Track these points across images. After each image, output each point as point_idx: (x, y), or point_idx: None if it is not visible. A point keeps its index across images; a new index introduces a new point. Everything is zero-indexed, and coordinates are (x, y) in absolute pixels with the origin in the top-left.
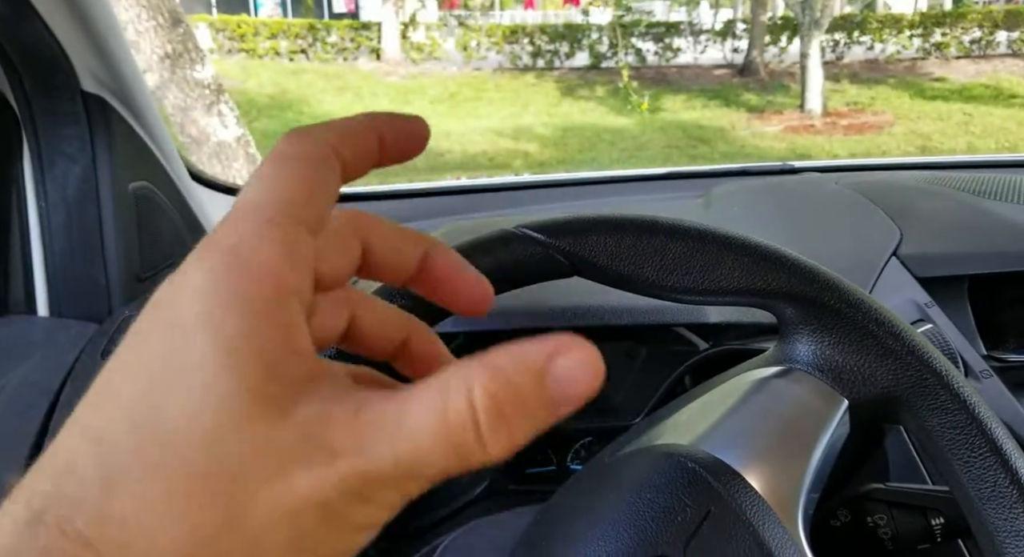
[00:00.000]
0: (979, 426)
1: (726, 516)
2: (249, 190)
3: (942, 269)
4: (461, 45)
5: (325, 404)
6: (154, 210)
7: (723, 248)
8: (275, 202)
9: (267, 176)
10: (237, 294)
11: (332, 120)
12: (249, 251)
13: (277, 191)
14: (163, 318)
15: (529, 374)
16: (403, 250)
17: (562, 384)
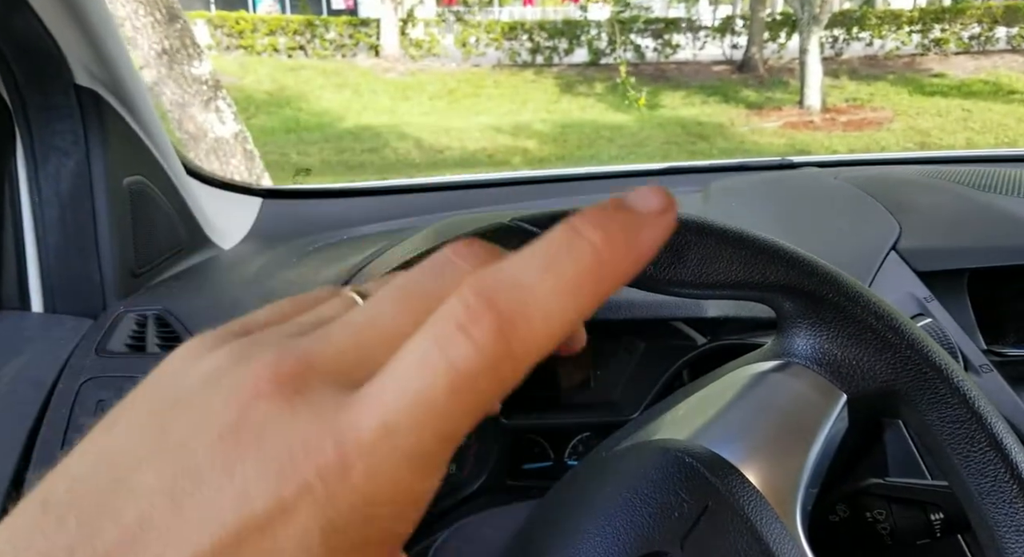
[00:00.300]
0: (979, 420)
1: (724, 511)
2: None
3: (941, 263)
4: (460, 41)
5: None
6: (149, 205)
7: (721, 241)
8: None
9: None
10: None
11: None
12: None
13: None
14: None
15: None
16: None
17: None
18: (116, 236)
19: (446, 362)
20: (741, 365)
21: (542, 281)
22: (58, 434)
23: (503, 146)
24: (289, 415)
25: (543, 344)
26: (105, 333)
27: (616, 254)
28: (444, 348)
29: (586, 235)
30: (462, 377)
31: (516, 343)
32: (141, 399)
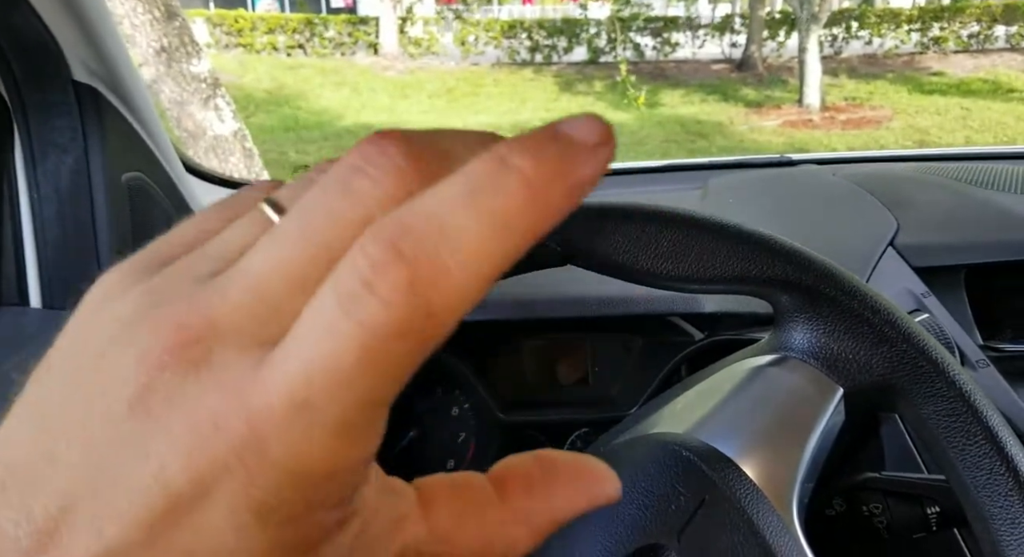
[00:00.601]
0: (975, 414)
1: (721, 504)
2: None
3: (939, 259)
4: (459, 40)
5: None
6: (148, 201)
7: (718, 236)
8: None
9: None
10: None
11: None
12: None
13: None
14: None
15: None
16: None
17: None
18: (115, 232)
19: (353, 324)
20: (738, 359)
21: (463, 219)
22: None
23: None
24: (194, 386)
25: (466, 295)
26: None
27: (550, 186)
28: (348, 308)
29: (514, 163)
30: (373, 340)
31: (434, 297)
32: (69, 346)
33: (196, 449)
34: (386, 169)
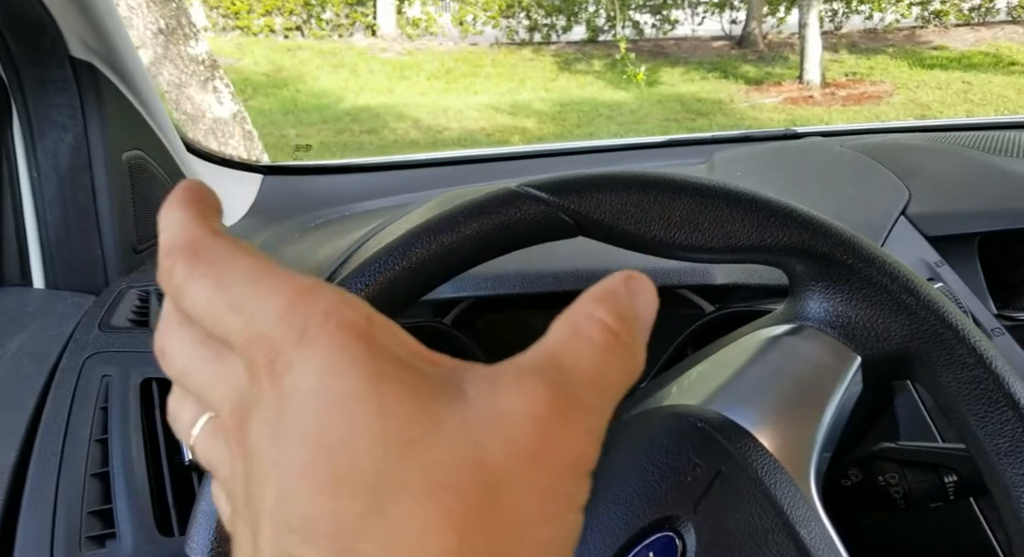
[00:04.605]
0: (997, 380)
1: (737, 476)
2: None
3: (952, 227)
4: (457, 20)
5: (486, 377)
6: (149, 180)
7: (732, 204)
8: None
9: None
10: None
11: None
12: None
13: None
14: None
15: (623, 297)
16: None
17: (639, 301)
18: (116, 211)
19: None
20: (753, 329)
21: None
22: (63, 410)
23: (502, 125)
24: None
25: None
26: (108, 309)
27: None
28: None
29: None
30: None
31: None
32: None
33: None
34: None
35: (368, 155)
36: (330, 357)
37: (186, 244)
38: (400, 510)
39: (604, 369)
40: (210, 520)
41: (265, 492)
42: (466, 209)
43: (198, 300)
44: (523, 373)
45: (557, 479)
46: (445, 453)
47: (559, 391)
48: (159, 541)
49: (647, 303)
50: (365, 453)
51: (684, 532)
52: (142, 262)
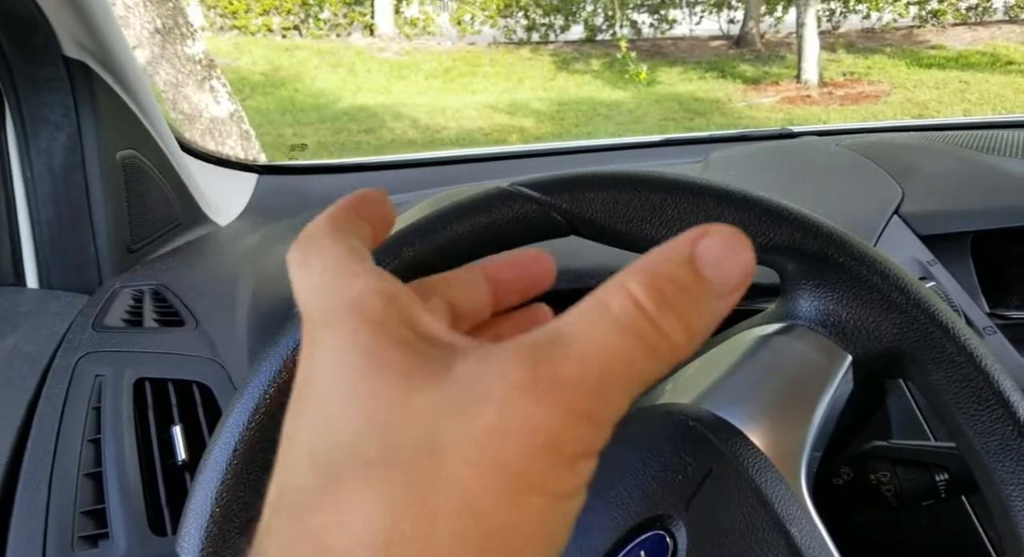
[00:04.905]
0: (986, 379)
1: (728, 474)
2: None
3: (945, 226)
4: (455, 19)
5: (478, 355)
6: (143, 179)
7: (723, 202)
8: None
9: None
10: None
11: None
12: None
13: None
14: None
15: (677, 262)
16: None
17: (713, 266)
18: (110, 211)
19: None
20: (744, 328)
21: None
22: (55, 410)
23: (500, 125)
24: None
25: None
26: (101, 308)
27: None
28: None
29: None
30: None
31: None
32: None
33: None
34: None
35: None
36: (340, 340)
37: (303, 237)
38: (349, 488)
39: (616, 349)
40: (201, 519)
41: (279, 458)
42: (457, 208)
43: (294, 281)
44: (513, 351)
45: (516, 458)
46: (404, 432)
47: (539, 367)
48: (152, 541)
49: (726, 272)
50: (346, 432)
51: (675, 530)
52: (136, 262)
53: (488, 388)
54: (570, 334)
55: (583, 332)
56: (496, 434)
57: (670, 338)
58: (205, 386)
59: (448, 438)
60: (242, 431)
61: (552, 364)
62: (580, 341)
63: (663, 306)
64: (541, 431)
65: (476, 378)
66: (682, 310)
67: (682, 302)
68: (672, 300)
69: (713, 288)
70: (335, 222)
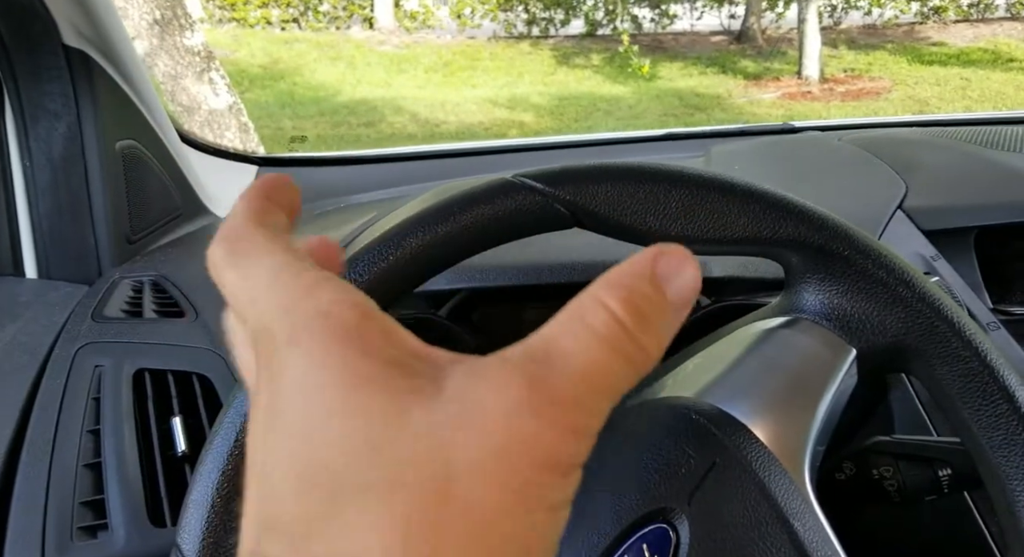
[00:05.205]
0: (992, 373)
1: (731, 468)
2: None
3: (948, 221)
4: (455, 13)
5: (469, 371)
6: (143, 170)
7: (728, 195)
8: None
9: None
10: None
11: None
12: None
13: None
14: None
15: (643, 278)
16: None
17: (670, 283)
18: (110, 201)
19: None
20: (749, 322)
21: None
22: (54, 401)
23: (500, 119)
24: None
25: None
26: (101, 299)
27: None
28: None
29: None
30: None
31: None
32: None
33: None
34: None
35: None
36: (313, 357)
37: (227, 234)
38: (354, 511)
39: (601, 363)
40: (201, 510)
41: (251, 484)
42: (461, 199)
43: (227, 286)
44: (505, 366)
45: (523, 476)
46: (406, 452)
47: (536, 385)
48: (151, 532)
49: (680, 288)
50: (335, 455)
51: (678, 524)
52: (136, 252)
53: (489, 405)
54: (559, 350)
55: (570, 348)
56: (505, 451)
57: (647, 351)
58: (205, 377)
59: (459, 456)
60: (243, 421)
61: (547, 381)
62: (569, 357)
63: (640, 321)
64: (544, 448)
65: (473, 394)
66: (655, 324)
67: (654, 316)
68: (647, 315)
69: (672, 303)
70: (258, 215)
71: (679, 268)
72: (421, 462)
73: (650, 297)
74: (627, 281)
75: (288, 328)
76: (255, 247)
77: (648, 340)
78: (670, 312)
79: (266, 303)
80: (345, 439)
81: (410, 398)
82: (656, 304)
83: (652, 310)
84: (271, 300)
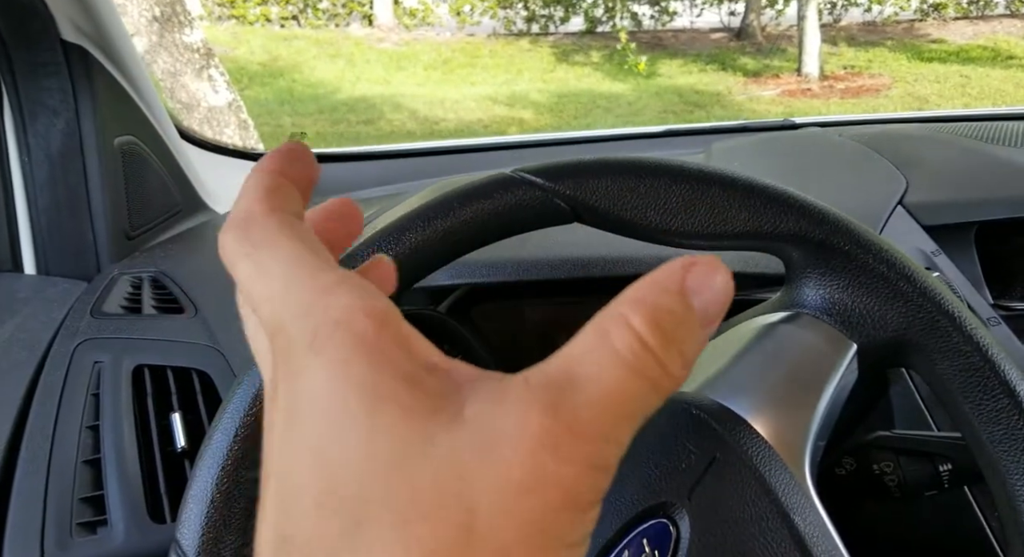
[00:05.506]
0: (993, 368)
1: (732, 463)
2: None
3: (949, 216)
4: (454, 10)
5: (490, 393)
6: (141, 166)
7: (729, 190)
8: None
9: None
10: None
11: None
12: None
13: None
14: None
15: (671, 293)
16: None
17: (700, 296)
18: (109, 197)
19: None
20: (749, 317)
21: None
22: (53, 397)
23: (499, 117)
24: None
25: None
26: (100, 295)
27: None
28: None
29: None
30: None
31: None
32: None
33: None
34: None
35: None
36: (333, 370)
37: (240, 219)
38: (372, 536)
39: (625, 390)
40: (201, 506)
41: (267, 492)
42: (461, 194)
43: (241, 277)
44: (527, 392)
45: (544, 515)
46: (429, 479)
47: (560, 417)
48: (151, 528)
49: (711, 302)
50: (352, 474)
51: (678, 519)
52: (135, 248)
53: (510, 435)
54: (582, 376)
55: (593, 374)
56: (527, 488)
57: (672, 373)
58: (204, 373)
59: (479, 487)
60: (242, 417)
61: (570, 411)
62: (592, 383)
63: (665, 342)
64: (565, 486)
65: (494, 421)
66: (680, 343)
67: (680, 335)
68: (672, 334)
69: (702, 317)
70: (272, 197)
71: (709, 279)
72: (440, 493)
73: (678, 314)
74: (653, 297)
75: (305, 334)
76: (268, 237)
77: (674, 362)
78: (698, 328)
79: (282, 303)
80: (364, 461)
81: (431, 420)
82: (684, 322)
83: (679, 329)
84: (287, 300)
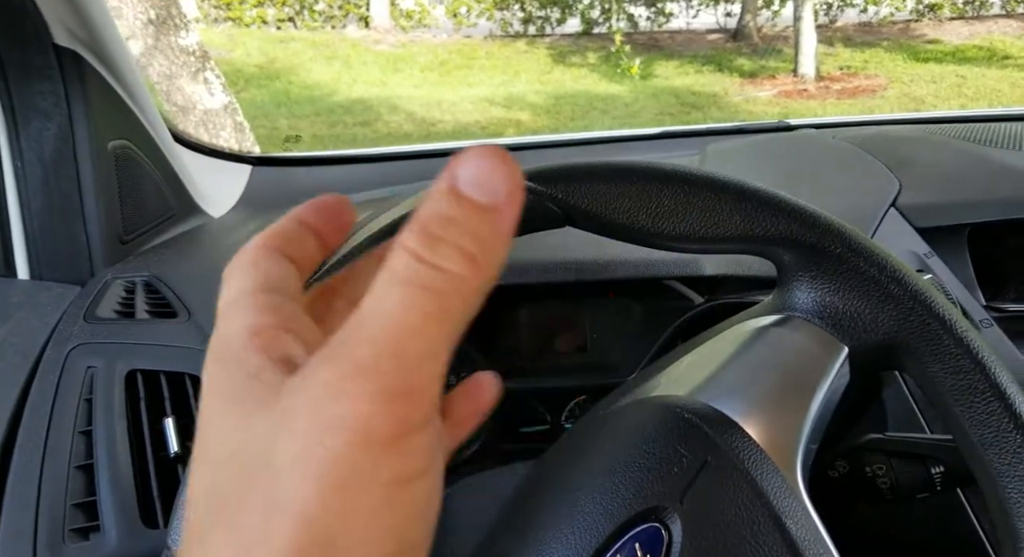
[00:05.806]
0: (983, 371)
1: (724, 466)
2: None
3: (942, 218)
4: (451, 12)
5: (305, 374)
6: (135, 170)
7: (720, 193)
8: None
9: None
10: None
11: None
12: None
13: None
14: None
15: (439, 196)
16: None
17: (476, 186)
18: (102, 201)
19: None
20: (741, 320)
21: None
22: (46, 401)
23: (496, 118)
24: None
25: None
26: (93, 300)
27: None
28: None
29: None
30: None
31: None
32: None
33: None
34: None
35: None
36: (209, 380)
37: (243, 249)
38: (211, 532)
39: (408, 307)
40: None
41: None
42: None
43: (221, 295)
44: (315, 358)
45: (335, 460)
46: (247, 461)
47: (338, 364)
48: (143, 533)
49: (493, 182)
50: (212, 465)
51: (670, 523)
52: (128, 253)
53: (303, 397)
54: (366, 315)
55: (374, 308)
56: (313, 441)
57: (450, 271)
58: (197, 378)
59: (280, 456)
60: None
61: (348, 356)
62: (373, 318)
63: (432, 244)
64: (350, 425)
65: (297, 390)
66: (453, 240)
67: (451, 232)
68: (439, 234)
69: (484, 206)
70: (272, 240)
71: (483, 165)
72: (254, 470)
73: (445, 213)
74: (423, 209)
75: (211, 348)
76: (239, 269)
77: (450, 259)
78: (482, 217)
79: (219, 320)
80: (215, 448)
81: (254, 407)
82: (453, 218)
83: (447, 226)
84: (220, 319)
